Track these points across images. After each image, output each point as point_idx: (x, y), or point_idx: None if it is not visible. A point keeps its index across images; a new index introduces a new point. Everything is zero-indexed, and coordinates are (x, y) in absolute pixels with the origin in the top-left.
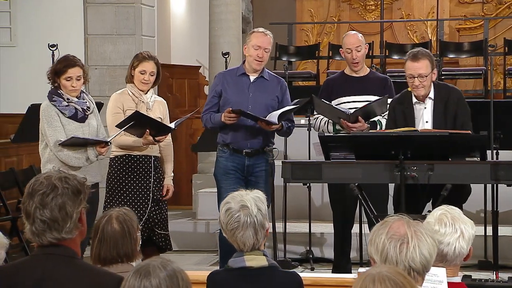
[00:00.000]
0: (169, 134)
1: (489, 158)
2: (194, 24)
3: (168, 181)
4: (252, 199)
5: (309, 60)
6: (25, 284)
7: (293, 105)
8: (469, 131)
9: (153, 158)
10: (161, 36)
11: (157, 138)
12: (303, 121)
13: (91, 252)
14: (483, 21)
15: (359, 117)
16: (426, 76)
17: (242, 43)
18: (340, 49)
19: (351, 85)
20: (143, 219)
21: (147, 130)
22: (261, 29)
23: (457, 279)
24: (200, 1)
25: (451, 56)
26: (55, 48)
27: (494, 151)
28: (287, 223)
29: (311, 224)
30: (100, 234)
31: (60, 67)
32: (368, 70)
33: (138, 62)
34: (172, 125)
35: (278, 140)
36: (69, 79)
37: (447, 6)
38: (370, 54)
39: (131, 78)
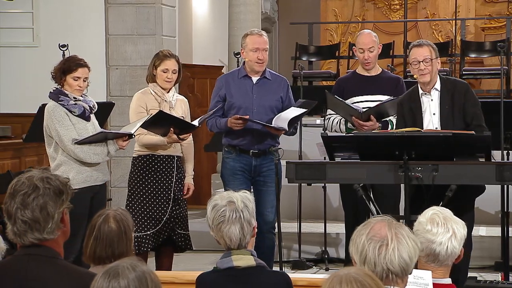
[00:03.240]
0: (191, 134)
1: (499, 159)
2: (216, 24)
3: (189, 180)
4: (239, 196)
5: (333, 60)
6: (8, 284)
7: (298, 107)
8: (482, 125)
9: (175, 158)
10: (182, 36)
11: (181, 136)
12: (318, 121)
13: (85, 250)
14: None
15: (371, 116)
16: (431, 60)
17: None
18: (354, 47)
19: (363, 85)
20: (164, 218)
21: (171, 129)
22: (255, 30)
23: (447, 281)
24: (222, 1)
25: (473, 55)
26: (66, 48)
27: (505, 152)
28: (303, 223)
29: (327, 224)
30: (96, 232)
31: (71, 66)
32: (380, 69)
33: (160, 61)
34: (196, 123)
35: (293, 140)
36: (76, 78)
37: (472, 5)
38: (391, 54)
39: (153, 77)
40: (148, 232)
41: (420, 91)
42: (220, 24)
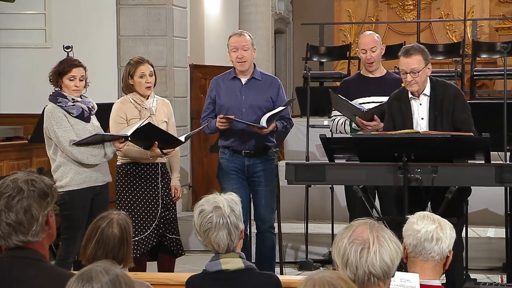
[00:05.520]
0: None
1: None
2: (228, 25)
3: (175, 182)
4: (225, 200)
5: (346, 61)
6: None
7: (282, 106)
8: (472, 130)
9: (159, 165)
10: (193, 37)
11: (164, 151)
12: (326, 122)
13: (83, 251)
14: None
15: (375, 115)
16: (419, 72)
17: (273, 44)
18: (357, 49)
19: (367, 86)
20: (153, 224)
21: (155, 143)
22: (236, 31)
23: (437, 282)
24: (234, 1)
25: (484, 56)
26: (70, 49)
27: (508, 153)
28: (310, 224)
29: (334, 225)
30: (99, 236)
31: (65, 67)
32: (385, 71)
33: (134, 68)
34: (182, 138)
35: (300, 141)
36: (72, 78)
37: (487, 5)
38: None
39: (130, 88)
40: (137, 238)
41: (410, 95)
42: (232, 24)
